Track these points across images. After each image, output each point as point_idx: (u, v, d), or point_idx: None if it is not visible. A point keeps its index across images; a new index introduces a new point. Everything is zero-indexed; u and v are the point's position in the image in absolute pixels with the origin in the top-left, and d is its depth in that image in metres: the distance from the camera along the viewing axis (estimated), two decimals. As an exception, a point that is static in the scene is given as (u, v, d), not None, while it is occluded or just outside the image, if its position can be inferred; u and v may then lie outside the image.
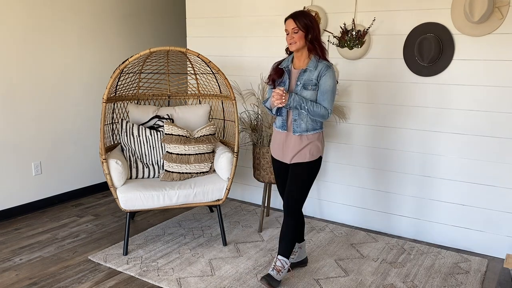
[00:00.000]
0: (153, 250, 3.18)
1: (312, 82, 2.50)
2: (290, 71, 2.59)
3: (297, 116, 2.56)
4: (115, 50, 4.50)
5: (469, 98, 3.09)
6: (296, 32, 2.46)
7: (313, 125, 2.57)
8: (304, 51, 2.52)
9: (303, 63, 2.56)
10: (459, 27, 3.01)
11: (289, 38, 2.49)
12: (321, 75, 2.48)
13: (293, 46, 2.50)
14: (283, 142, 2.64)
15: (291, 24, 2.47)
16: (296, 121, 2.56)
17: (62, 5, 3.97)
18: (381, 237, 3.47)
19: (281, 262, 2.65)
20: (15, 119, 3.71)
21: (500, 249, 3.14)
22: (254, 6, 3.83)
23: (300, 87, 2.52)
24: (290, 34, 2.48)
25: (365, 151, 3.55)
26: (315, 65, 2.50)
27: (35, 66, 3.82)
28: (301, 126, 2.56)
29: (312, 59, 2.53)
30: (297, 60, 2.59)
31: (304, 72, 2.52)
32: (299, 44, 2.48)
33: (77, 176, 4.29)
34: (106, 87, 3.09)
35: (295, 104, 2.46)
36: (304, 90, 2.51)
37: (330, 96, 2.50)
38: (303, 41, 2.47)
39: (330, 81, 2.49)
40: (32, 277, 2.81)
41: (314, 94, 2.51)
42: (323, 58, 2.53)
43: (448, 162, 3.23)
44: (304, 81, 2.51)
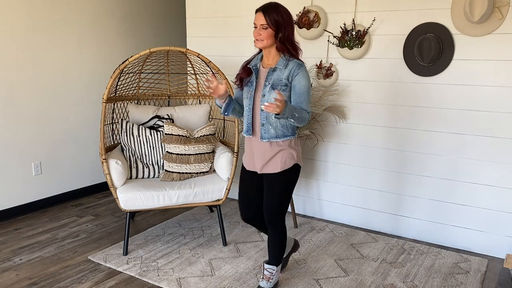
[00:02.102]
0: (153, 250, 3.18)
1: (282, 82, 2.26)
2: (258, 70, 2.36)
3: (265, 120, 2.30)
4: (115, 50, 4.50)
5: (469, 98, 3.09)
6: (265, 28, 2.21)
7: (284, 131, 2.33)
8: (272, 49, 2.29)
9: (272, 61, 2.33)
10: (459, 27, 3.01)
11: (256, 33, 2.23)
12: (293, 75, 2.26)
13: (259, 43, 2.26)
14: (252, 148, 2.42)
15: (260, 18, 2.21)
16: (263, 125, 2.30)
17: (62, 5, 3.97)
18: (381, 237, 3.47)
19: (268, 271, 2.58)
20: (15, 119, 3.71)
21: (500, 249, 3.14)
22: (254, 6, 3.79)
23: (269, 87, 2.27)
24: (257, 29, 2.23)
25: (365, 151, 3.55)
26: (285, 63, 2.28)
27: (35, 66, 3.82)
28: (269, 132, 2.31)
29: (282, 57, 2.29)
30: (265, 58, 2.36)
31: (273, 71, 2.29)
32: (266, 43, 2.24)
33: (77, 176, 4.29)
34: (106, 87, 3.09)
35: (287, 115, 2.15)
36: (272, 91, 2.26)
37: (307, 97, 2.28)
38: (272, 40, 2.23)
39: (304, 81, 2.27)
40: (32, 277, 2.81)
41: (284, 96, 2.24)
42: (293, 56, 2.31)
43: (448, 162, 3.23)
44: (273, 81, 2.27)
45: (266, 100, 2.24)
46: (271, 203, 2.41)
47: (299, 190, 3.92)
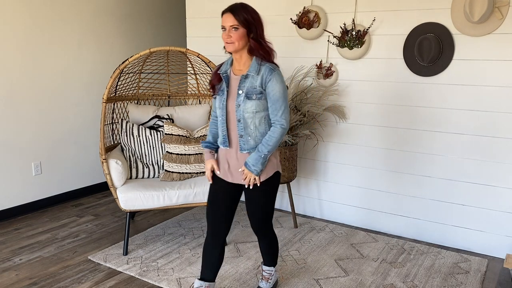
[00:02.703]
0: (153, 250, 3.18)
1: (257, 90, 2.09)
2: (229, 77, 2.18)
3: (243, 131, 2.16)
4: (115, 50, 4.50)
5: (469, 98, 3.09)
6: (235, 29, 2.04)
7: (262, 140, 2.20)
8: (243, 53, 2.11)
9: (243, 66, 2.15)
10: (459, 27, 3.01)
11: (226, 36, 2.06)
12: (266, 81, 2.08)
13: (230, 46, 2.07)
14: (229, 160, 2.26)
15: (229, 19, 2.04)
16: (242, 137, 2.16)
17: (62, 5, 3.97)
18: (381, 237, 3.47)
19: (266, 272, 2.57)
20: (15, 119, 3.71)
21: (500, 249, 3.14)
22: (254, 6, 3.80)
23: (243, 97, 2.10)
24: (227, 32, 2.06)
25: (365, 151, 3.55)
26: (257, 69, 2.10)
27: (35, 66, 3.82)
28: (249, 143, 2.17)
29: (253, 62, 2.11)
30: (236, 63, 2.17)
31: (246, 79, 2.11)
32: (237, 45, 2.06)
33: (77, 176, 4.29)
34: (106, 87, 3.10)
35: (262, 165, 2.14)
36: (247, 101, 2.09)
37: (283, 103, 2.11)
38: (244, 41, 2.06)
39: (278, 86, 2.09)
40: (32, 277, 2.81)
41: (260, 105, 2.11)
42: (267, 61, 2.13)
43: (448, 162, 3.23)
44: (247, 90, 2.10)
45: (242, 111, 2.12)
46: (257, 216, 2.32)
47: (299, 190, 3.92)
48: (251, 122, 2.13)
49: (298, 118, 3.33)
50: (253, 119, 2.13)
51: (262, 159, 2.13)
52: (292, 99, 3.39)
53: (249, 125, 2.14)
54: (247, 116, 2.12)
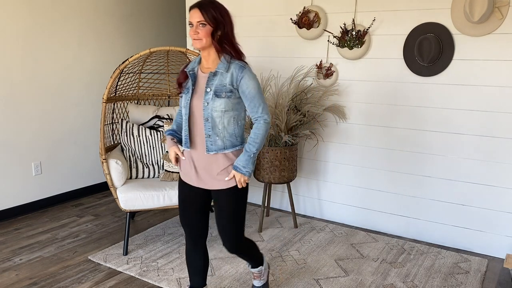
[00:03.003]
0: (153, 250, 3.18)
1: (226, 88, 2.01)
2: (196, 75, 2.10)
3: (211, 131, 2.05)
4: (115, 50, 4.50)
5: (469, 98, 3.09)
6: (203, 25, 1.96)
7: (232, 141, 2.09)
8: (212, 50, 2.04)
9: (212, 64, 2.07)
10: (459, 27, 3.01)
11: (193, 32, 1.98)
12: (237, 79, 2.01)
13: (197, 43, 2.00)
14: (193, 162, 2.14)
15: (196, 15, 1.97)
16: (210, 137, 2.06)
17: (63, 5, 3.97)
18: (381, 237, 3.47)
19: (256, 273, 2.52)
20: (15, 119, 3.71)
21: (500, 249, 3.14)
22: (254, 6, 3.83)
23: (211, 94, 2.01)
24: (194, 28, 1.98)
25: (365, 151, 3.55)
26: (226, 66, 2.03)
27: (36, 66, 3.82)
28: (216, 144, 2.06)
29: (222, 59, 2.04)
30: (204, 60, 2.09)
31: (214, 76, 2.03)
32: (205, 42, 1.98)
33: (77, 176, 4.29)
34: (106, 87, 3.10)
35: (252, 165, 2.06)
36: (216, 99, 2.01)
37: (260, 98, 2.05)
38: (211, 38, 1.99)
39: (252, 83, 2.02)
40: (32, 277, 2.81)
41: (229, 103, 2.02)
42: (234, 57, 2.06)
43: (448, 162, 3.23)
44: (215, 87, 2.02)
45: (210, 109, 2.03)
46: (227, 230, 2.17)
47: (299, 190, 3.92)
48: (219, 121, 2.04)
49: (298, 118, 3.33)
50: (222, 118, 2.03)
51: (252, 158, 2.06)
52: (292, 99, 3.39)
53: (217, 124, 2.04)
54: (216, 115, 2.03)
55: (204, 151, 2.09)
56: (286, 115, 3.29)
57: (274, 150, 3.35)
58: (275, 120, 3.30)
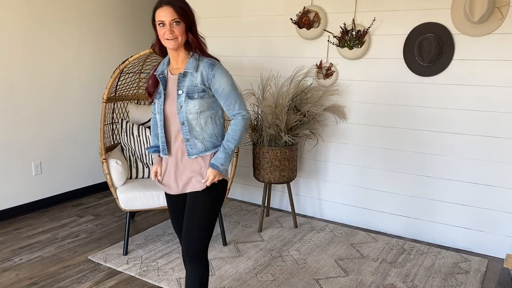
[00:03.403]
0: (153, 250, 3.18)
1: (198, 89, 1.91)
2: (166, 78, 1.99)
3: (189, 135, 1.95)
4: (115, 50, 4.50)
5: (469, 98, 3.09)
6: (177, 23, 1.85)
7: (213, 141, 1.99)
8: (181, 49, 1.94)
9: (181, 64, 1.96)
10: (459, 27, 3.01)
11: (168, 32, 1.85)
12: (208, 78, 1.91)
13: (173, 43, 1.87)
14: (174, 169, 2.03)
15: (169, 13, 1.84)
16: (189, 141, 1.95)
17: (62, 5, 3.97)
18: (381, 237, 3.47)
19: None
20: (15, 119, 3.71)
21: (500, 249, 3.14)
22: (254, 6, 3.83)
23: (184, 97, 1.91)
24: (168, 27, 1.85)
25: (365, 151, 3.55)
26: (195, 65, 1.92)
27: (35, 66, 3.82)
28: (197, 147, 1.96)
29: (191, 58, 1.94)
30: (174, 61, 1.98)
31: (184, 77, 1.92)
32: (180, 40, 1.88)
33: (77, 176, 4.29)
34: (106, 87, 3.10)
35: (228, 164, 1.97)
36: (189, 100, 1.90)
37: (235, 95, 1.95)
38: (185, 35, 1.89)
39: (225, 80, 1.92)
40: (32, 277, 2.81)
41: (203, 104, 1.92)
42: (203, 55, 1.96)
43: (448, 162, 3.23)
44: (187, 89, 1.91)
45: (184, 112, 1.92)
46: (193, 233, 1.98)
47: (299, 190, 3.92)
48: (196, 123, 1.94)
49: (298, 118, 3.33)
50: (198, 120, 1.93)
51: (230, 156, 1.96)
52: (292, 99, 3.39)
53: (195, 127, 1.94)
54: (191, 117, 1.92)
55: (184, 156, 1.99)
56: (286, 115, 3.29)
57: (274, 150, 3.35)
58: (275, 120, 3.30)
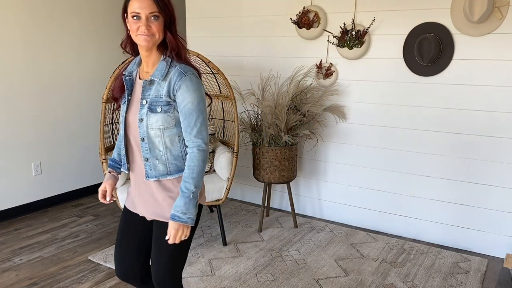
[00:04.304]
0: (153, 250, 3.18)
1: (162, 101, 1.59)
2: (133, 81, 1.69)
3: (149, 153, 1.64)
4: (115, 50, 4.50)
5: (469, 98, 3.09)
6: (155, 18, 1.55)
7: (178, 164, 1.67)
8: (154, 49, 1.63)
9: (152, 68, 1.65)
10: (459, 27, 3.01)
11: (145, 27, 1.55)
12: (174, 89, 1.58)
13: (147, 39, 1.57)
14: (137, 186, 1.75)
15: (148, 5, 1.54)
16: (148, 160, 1.65)
17: (63, 5, 3.97)
18: (381, 237, 3.47)
19: None
20: (15, 119, 3.71)
21: (500, 249, 3.14)
22: (254, 6, 3.83)
23: (146, 109, 1.60)
24: (145, 21, 1.55)
25: (365, 151, 3.54)
26: (164, 72, 1.60)
27: (35, 66, 3.82)
28: (157, 169, 1.65)
29: (161, 63, 1.62)
30: (145, 64, 1.67)
31: (150, 85, 1.62)
32: (158, 37, 1.59)
33: (77, 176, 4.29)
34: (106, 87, 3.10)
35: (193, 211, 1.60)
36: (151, 114, 1.60)
37: (198, 117, 1.60)
38: (163, 33, 1.59)
39: (191, 95, 1.58)
40: (32, 277, 2.81)
41: (168, 119, 1.61)
42: (179, 60, 1.62)
43: (448, 162, 3.23)
44: (151, 99, 1.60)
45: (145, 127, 1.62)
46: (162, 266, 1.74)
47: (299, 190, 3.92)
48: (159, 142, 1.63)
49: (298, 118, 3.33)
50: (162, 138, 1.63)
51: (193, 199, 1.59)
52: (292, 99, 3.39)
53: (157, 145, 1.64)
54: (153, 134, 1.62)
55: (142, 176, 1.69)
56: (286, 115, 3.29)
57: (274, 150, 3.35)
58: (275, 120, 3.30)
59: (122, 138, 1.75)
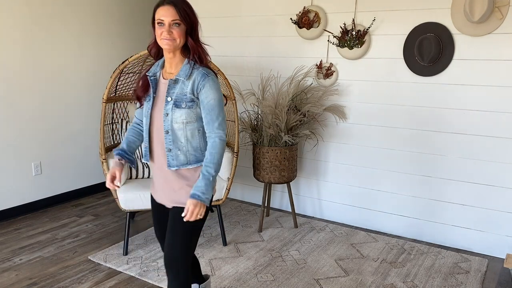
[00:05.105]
0: (153, 250, 3.18)
1: (187, 98, 1.83)
2: (157, 81, 1.90)
3: (171, 144, 1.86)
4: (115, 50, 4.50)
5: (469, 98, 3.09)
6: (177, 25, 1.77)
7: (197, 155, 1.90)
8: (177, 53, 1.85)
9: (175, 69, 1.88)
10: (459, 27, 3.01)
11: (167, 33, 1.77)
12: (199, 88, 1.83)
13: (170, 44, 1.79)
14: (158, 176, 1.97)
15: (170, 13, 1.76)
16: (171, 151, 1.87)
17: (63, 5, 3.97)
18: (381, 237, 3.47)
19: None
20: (15, 119, 3.71)
21: (500, 249, 3.14)
22: (254, 6, 3.83)
23: (171, 105, 1.83)
24: (167, 27, 1.76)
25: (365, 151, 3.55)
26: (188, 73, 1.83)
27: (35, 66, 3.82)
28: (178, 159, 1.88)
29: (185, 65, 1.85)
30: (168, 65, 1.89)
31: (175, 84, 1.84)
32: (179, 42, 1.80)
33: (77, 176, 4.29)
34: (106, 87, 3.10)
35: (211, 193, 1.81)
36: (176, 109, 1.83)
37: (218, 111, 1.84)
38: (184, 38, 1.81)
39: (213, 93, 1.83)
40: (32, 277, 2.81)
41: (191, 114, 1.84)
42: (201, 64, 1.86)
43: (448, 162, 3.23)
44: (176, 96, 1.83)
45: (170, 121, 1.85)
46: (174, 246, 1.91)
47: (299, 190, 3.92)
48: (181, 134, 1.86)
49: (298, 118, 3.33)
50: (184, 130, 1.86)
51: (212, 182, 1.81)
52: (292, 99, 3.39)
53: (179, 137, 1.86)
54: (177, 127, 1.85)
55: (164, 165, 1.90)
56: (286, 115, 3.29)
57: (274, 150, 3.35)
58: (275, 120, 3.30)
59: (147, 131, 1.92)
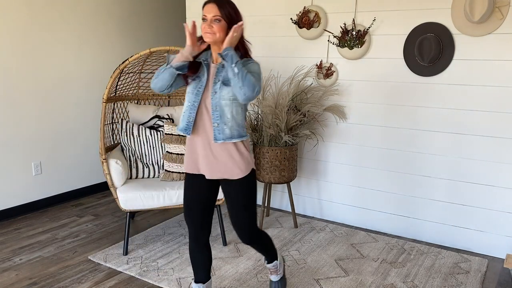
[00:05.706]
0: (153, 250, 3.18)
1: None
2: (209, 65, 2.14)
3: (219, 120, 2.07)
4: (115, 50, 4.50)
5: (469, 98, 3.09)
6: (218, 21, 2.00)
7: (239, 131, 2.11)
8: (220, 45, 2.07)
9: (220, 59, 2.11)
10: (459, 27, 3.01)
11: (207, 27, 2.00)
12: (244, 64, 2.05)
13: (209, 37, 2.02)
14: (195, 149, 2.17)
15: (213, 10, 2.00)
16: (218, 126, 2.07)
17: (63, 5, 3.97)
18: (381, 237, 3.47)
19: (272, 265, 2.51)
20: (15, 118, 3.71)
21: (500, 249, 3.14)
22: (254, 6, 3.83)
23: (220, 84, 2.07)
24: (208, 22, 2.01)
25: (365, 151, 3.55)
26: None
27: (35, 66, 3.82)
28: (224, 132, 2.08)
29: None
30: (214, 54, 2.14)
31: (223, 67, 2.08)
32: (218, 36, 2.02)
33: (77, 176, 4.29)
34: (106, 87, 3.10)
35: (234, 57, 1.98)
36: (224, 87, 2.06)
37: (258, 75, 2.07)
38: (224, 33, 2.02)
39: (255, 66, 2.08)
40: (32, 277, 2.81)
41: None
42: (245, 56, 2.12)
43: (448, 162, 3.23)
44: (223, 77, 2.07)
45: (218, 98, 2.07)
46: (242, 220, 2.21)
47: (299, 190, 3.92)
48: (228, 110, 2.07)
49: (298, 118, 3.33)
50: (231, 107, 2.07)
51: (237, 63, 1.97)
52: (292, 99, 3.39)
53: (226, 113, 2.07)
54: (224, 103, 2.06)
55: (210, 139, 2.11)
56: (286, 115, 3.29)
57: (274, 150, 3.35)
58: (275, 120, 3.30)
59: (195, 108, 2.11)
